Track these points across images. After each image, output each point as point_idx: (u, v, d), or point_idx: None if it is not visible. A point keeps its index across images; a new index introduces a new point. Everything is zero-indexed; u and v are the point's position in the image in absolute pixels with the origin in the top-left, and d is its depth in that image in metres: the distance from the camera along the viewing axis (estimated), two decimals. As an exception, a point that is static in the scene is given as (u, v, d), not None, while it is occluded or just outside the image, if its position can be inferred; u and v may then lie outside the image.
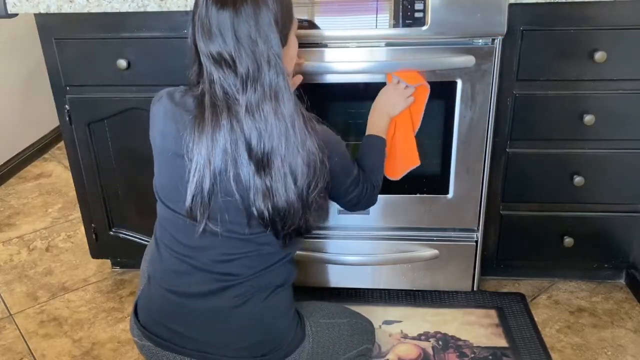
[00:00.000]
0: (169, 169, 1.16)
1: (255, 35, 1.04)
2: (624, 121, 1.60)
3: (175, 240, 1.20)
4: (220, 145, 1.07)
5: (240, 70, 1.05)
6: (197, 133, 1.08)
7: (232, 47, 1.04)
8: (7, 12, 1.58)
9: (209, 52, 1.06)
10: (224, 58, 1.05)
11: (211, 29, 1.04)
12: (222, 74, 1.06)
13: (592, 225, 1.74)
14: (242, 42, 1.04)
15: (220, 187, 1.10)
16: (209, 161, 1.08)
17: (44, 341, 1.71)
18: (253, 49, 1.04)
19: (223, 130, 1.07)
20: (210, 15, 1.04)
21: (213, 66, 1.06)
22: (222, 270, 1.19)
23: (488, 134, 1.59)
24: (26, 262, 2.11)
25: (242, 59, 1.04)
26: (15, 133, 2.88)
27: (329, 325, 1.34)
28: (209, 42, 1.05)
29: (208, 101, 1.08)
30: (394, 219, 1.71)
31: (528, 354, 1.59)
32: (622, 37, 1.51)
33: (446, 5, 1.44)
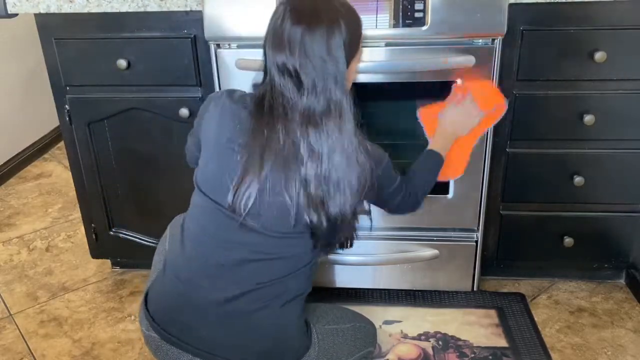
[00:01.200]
0: (219, 159, 1.17)
1: (325, 56, 1.08)
2: (624, 121, 1.60)
3: (206, 232, 1.20)
4: (274, 147, 1.10)
5: (305, 82, 1.08)
6: (253, 131, 1.11)
7: (297, 62, 1.07)
8: (7, 12, 1.58)
9: (274, 61, 1.09)
10: (288, 69, 1.08)
11: (282, 40, 1.08)
12: (284, 81, 1.09)
13: (592, 225, 1.74)
14: (310, 59, 1.07)
15: (271, 185, 1.12)
16: (261, 158, 1.10)
17: (44, 341, 1.71)
18: (321, 67, 1.08)
19: (280, 134, 1.10)
20: (284, 27, 1.07)
21: (277, 73, 1.10)
22: (247, 271, 1.18)
23: (488, 134, 1.59)
24: (26, 262, 2.11)
25: (307, 74, 1.08)
26: (15, 133, 2.88)
27: (333, 331, 1.34)
28: (277, 52, 1.09)
29: (267, 103, 1.11)
30: (394, 219, 1.71)
31: (528, 354, 1.59)
32: (622, 37, 1.51)
33: (446, 5, 1.44)
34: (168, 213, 1.52)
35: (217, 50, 1.55)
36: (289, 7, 1.09)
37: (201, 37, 1.55)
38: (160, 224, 1.83)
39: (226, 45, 1.54)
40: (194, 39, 1.58)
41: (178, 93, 1.66)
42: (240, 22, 1.50)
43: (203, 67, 1.61)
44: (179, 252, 1.24)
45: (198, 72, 1.62)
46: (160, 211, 1.80)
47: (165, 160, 1.74)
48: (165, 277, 1.25)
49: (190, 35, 1.58)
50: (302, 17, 1.07)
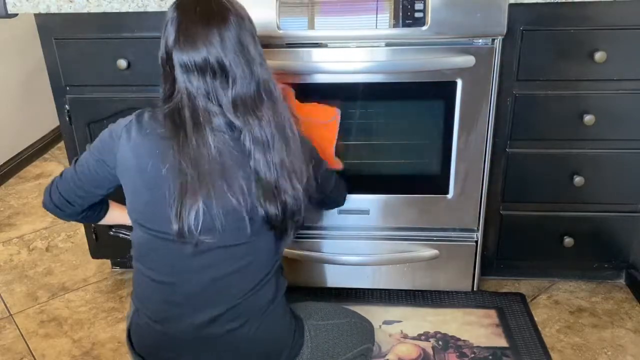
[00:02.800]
0: (150, 189, 1.11)
1: (245, 40, 1.08)
2: (624, 121, 1.60)
3: (162, 270, 1.16)
4: (206, 153, 1.06)
5: (232, 72, 1.07)
6: (179, 146, 1.06)
7: (221, 53, 1.06)
8: (7, 12, 1.58)
9: (192, 62, 1.06)
10: (211, 65, 1.06)
11: (197, 40, 1.05)
12: (205, 83, 1.07)
13: (592, 225, 1.74)
14: (230, 47, 1.06)
15: (215, 195, 1.07)
16: (194, 173, 1.05)
17: (44, 341, 1.71)
18: (243, 53, 1.08)
19: (208, 139, 1.06)
20: (196, 27, 1.06)
21: (193, 76, 1.07)
22: (220, 289, 1.16)
23: (488, 134, 1.59)
24: (26, 262, 2.11)
25: (232, 62, 1.07)
26: (15, 133, 2.88)
27: (327, 327, 1.33)
28: (194, 52, 1.06)
29: (187, 113, 1.07)
30: (394, 219, 1.71)
31: (528, 354, 1.58)
32: (622, 37, 1.51)
33: (446, 5, 1.44)
34: (168, 213, 1.52)
35: (217, 50, 1.54)
36: (186, 11, 1.08)
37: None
38: (160, 224, 1.83)
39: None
40: (194, 39, 1.58)
41: (178, 93, 1.65)
42: (240, 22, 1.49)
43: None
44: (144, 297, 1.21)
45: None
46: (160, 211, 1.80)
47: (165, 160, 1.74)
48: (139, 320, 1.23)
49: (190, 35, 1.58)
50: (209, 14, 1.07)
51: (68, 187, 1.26)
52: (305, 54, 1.52)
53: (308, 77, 1.54)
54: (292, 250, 1.74)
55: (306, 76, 1.54)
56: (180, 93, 1.08)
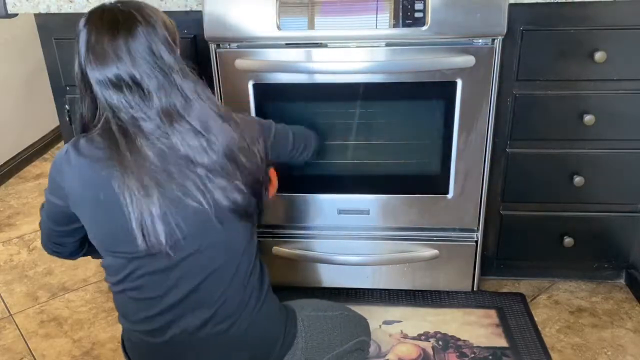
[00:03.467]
0: (105, 214, 1.09)
1: (157, 49, 1.04)
2: (624, 121, 1.60)
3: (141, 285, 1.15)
4: (147, 165, 1.03)
5: (146, 86, 1.03)
6: (119, 164, 1.03)
7: (131, 67, 1.02)
8: (7, 12, 1.58)
9: (106, 79, 1.02)
10: (124, 80, 1.02)
11: (106, 55, 1.02)
12: (124, 97, 1.03)
13: (592, 225, 1.74)
14: (141, 60, 1.02)
15: (171, 204, 1.05)
16: (142, 186, 1.03)
17: (44, 341, 1.71)
18: (157, 63, 1.04)
19: (143, 150, 1.03)
20: (103, 42, 1.02)
21: (112, 92, 1.03)
22: (199, 297, 1.15)
23: (488, 134, 1.59)
24: (26, 262, 2.11)
25: (145, 74, 1.03)
26: (15, 133, 2.88)
27: (320, 318, 1.33)
28: (106, 68, 1.02)
29: (116, 129, 1.04)
30: (394, 219, 1.71)
31: (528, 354, 1.59)
32: (622, 37, 1.51)
33: (446, 5, 1.44)
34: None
35: (217, 50, 1.54)
36: (93, 25, 1.04)
37: (201, 37, 1.55)
38: (160, 224, 1.83)
39: (226, 45, 1.54)
40: (194, 38, 1.58)
41: (178, 93, 1.65)
42: (240, 22, 1.50)
43: (203, 67, 1.61)
44: (131, 315, 1.20)
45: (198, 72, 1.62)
46: (160, 211, 1.80)
47: (165, 160, 1.74)
48: (132, 337, 1.23)
49: (190, 35, 1.58)
50: (114, 27, 1.03)
51: (49, 234, 1.26)
52: (305, 54, 1.52)
53: (308, 77, 1.54)
54: (292, 250, 1.74)
55: (306, 76, 1.54)
56: (104, 110, 1.05)
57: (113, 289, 1.20)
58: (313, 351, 1.29)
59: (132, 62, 1.02)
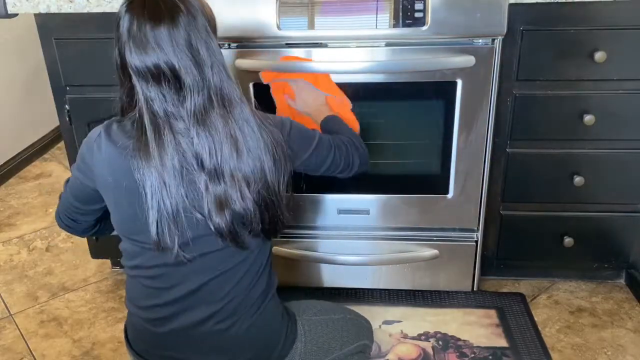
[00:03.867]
0: (127, 201, 1.09)
1: (196, 41, 1.02)
2: (624, 121, 1.60)
3: (151, 274, 1.17)
4: (169, 164, 1.04)
5: (184, 79, 1.02)
6: (144, 156, 1.04)
7: (172, 57, 1.01)
8: (7, 12, 1.58)
9: (145, 67, 1.01)
10: (163, 70, 1.01)
11: (147, 43, 1.00)
12: (160, 89, 1.02)
13: (592, 225, 1.74)
14: (182, 50, 1.01)
15: (183, 207, 1.06)
16: (164, 182, 1.04)
17: (44, 341, 1.71)
18: (195, 55, 1.02)
19: (169, 148, 1.03)
20: (145, 30, 1.01)
21: (149, 83, 1.02)
22: (204, 295, 1.16)
23: (488, 134, 1.59)
24: (26, 262, 2.11)
25: (183, 67, 1.01)
26: (15, 133, 2.88)
27: (321, 322, 1.33)
28: (146, 56, 1.01)
29: (148, 121, 1.03)
30: (394, 219, 1.71)
31: (528, 354, 1.58)
32: (622, 37, 1.51)
33: (446, 5, 1.44)
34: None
35: (217, 50, 1.54)
36: (134, 11, 1.02)
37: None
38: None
39: (226, 45, 1.54)
40: (194, 39, 1.58)
41: (178, 93, 1.65)
42: (240, 22, 1.50)
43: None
44: (137, 300, 1.22)
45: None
46: (160, 211, 1.80)
47: (165, 160, 1.74)
48: (135, 321, 1.24)
49: (190, 35, 1.58)
50: (157, 15, 1.00)
51: (67, 208, 1.26)
52: (305, 54, 1.52)
53: (308, 77, 1.54)
54: (292, 250, 1.74)
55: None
56: (139, 99, 1.04)
57: (127, 272, 1.22)
58: (311, 355, 1.29)
59: (173, 52, 1.00)
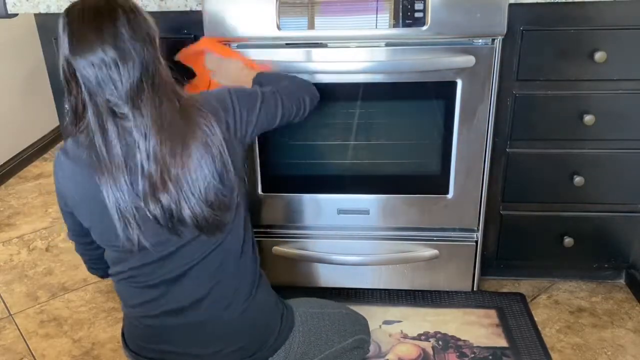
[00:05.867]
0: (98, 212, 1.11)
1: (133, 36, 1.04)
2: (624, 121, 1.60)
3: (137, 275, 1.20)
4: (116, 156, 1.05)
5: (125, 70, 1.03)
6: (97, 160, 1.06)
7: (112, 47, 1.02)
8: (7, 12, 1.58)
9: (89, 62, 1.02)
10: (105, 61, 1.02)
11: (89, 39, 1.02)
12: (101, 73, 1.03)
13: (592, 225, 1.74)
14: (124, 41, 1.03)
15: (136, 204, 1.07)
16: (114, 183, 1.05)
17: (44, 341, 1.71)
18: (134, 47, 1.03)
19: (112, 136, 1.05)
20: (86, 27, 1.03)
21: (92, 71, 1.03)
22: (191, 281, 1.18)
23: (488, 134, 1.59)
24: (26, 262, 2.11)
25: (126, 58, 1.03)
26: (15, 133, 2.88)
27: (318, 315, 1.34)
28: (90, 52, 1.02)
29: (94, 122, 1.05)
30: (394, 219, 1.71)
31: (528, 354, 1.58)
32: (622, 37, 1.51)
33: (446, 5, 1.44)
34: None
35: (217, 50, 1.55)
36: (74, 15, 1.04)
37: (201, 37, 1.55)
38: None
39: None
40: (194, 39, 1.58)
41: (178, 93, 1.65)
42: (240, 22, 1.50)
43: (203, 67, 1.61)
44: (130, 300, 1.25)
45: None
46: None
47: (165, 160, 1.74)
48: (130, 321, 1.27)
49: (190, 36, 1.58)
50: (97, 13, 1.03)
51: (82, 253, 1.34)
52: (305, 54, 1.52)
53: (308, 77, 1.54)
54: (292, 250, 1.74)
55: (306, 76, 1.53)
56: (84, 100, 1.06)
57: (113, 279, 1.25)
58: (311, 346, 1.29)
59: (114, 42, 1.02)
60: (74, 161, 1.11)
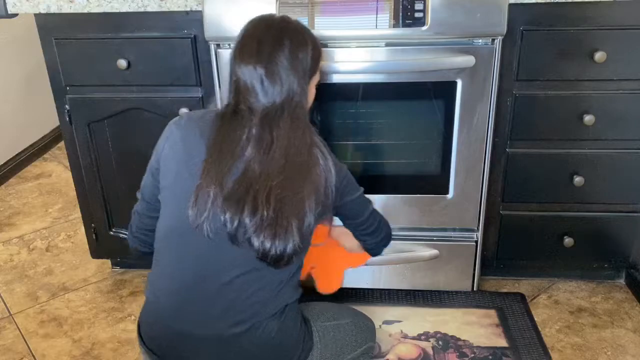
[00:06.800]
0: (192, 176, 1.14)
1: (289, 65, 1.13)
2: (624, 121, 1.60)
3: (181, 258, 1.18)
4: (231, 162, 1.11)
5: (270, 89, 1.12)
6: (213, 145, 1.13)
7: (265, 67, 1.12)
8: (7, 12, 1.58)
9: (242, 70, 1.13)
10: (255, 76, 1.12)
11: (252, 48, 1.13)
12: (250, 86, 1.13)
13: (592, 225, 1.74)
14: (277, 66, 1.12)
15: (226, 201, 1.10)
16: (219, 175, 1.10)
17: (44, 341, 1.71)
18: (286, 75, 1.13)
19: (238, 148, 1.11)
20: (255, 38, 1.15)
21: (242, 79, 1.13)
22: (237, 287, 1.16)
23: (488, 134, 1.59)
24: (26, 262, 2.11)
25: (273, 79, 1.12)
26: (15, 133, 2.88)
27: (334, 327, 1.34)
28: (245, 62, 1.13)
29: (230, 116, 1.15)
30: (394, 219, 1.70)
31: (528, 354, 1.59)
32: (622, 37, 1.51)
33: (446, 5, 1.44)
34: (168, 213, 1.52)
35: (217, 50, 1.55)
36: (253, 23, 1.18)
37: (201, 37, 1.55)
38: (160, 224, 1.83)
39: (226, 45, 1.54)
40: (194, 39, 1.58)
41: (178, 93, 1.66)
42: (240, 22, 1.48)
43: (203, 67, 1.61)
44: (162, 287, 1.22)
45: (198, 72, 1.62)
46: (160, 211, 1.80)
47: (165, 160, 1.74)
48: (153, 313, 1.24)
49: (190, 35, 1.58)
50: (267, 31, 1.15)
51: (142, 214, 1.31)
52: (305, 54, 1.52)
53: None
54: (292, 250, 1.74)
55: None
56: (233, 92, 1.17)
57: (154, 258, 1.25)
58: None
59: (267, 64, 1.12)
60: (194, 126, 1.18)
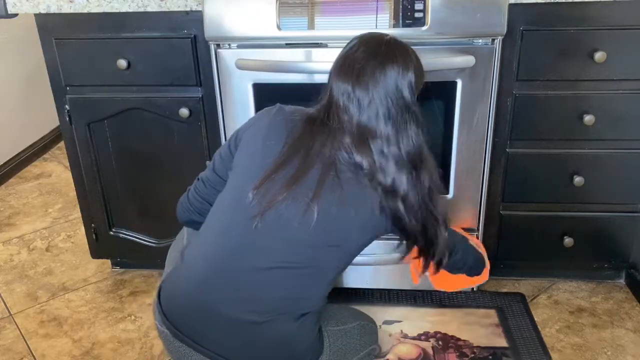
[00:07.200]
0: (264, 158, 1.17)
1: (391, 93, 1.12)
2: (624, 121, 1.60)
3: (229, 232, 1.18)
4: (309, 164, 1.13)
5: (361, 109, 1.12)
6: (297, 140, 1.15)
7: (362, 93, 1.11)
8: (7, 12, 1.58)
9: (339, 88, 1.13)
10: (351, 97, 1.12)
11: (351, 70, 1.12)
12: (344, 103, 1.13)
13: (592, 225, 1.74)
14: (375, 92, 1.12)
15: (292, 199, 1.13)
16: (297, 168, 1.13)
17: (44, 341, 1.71)
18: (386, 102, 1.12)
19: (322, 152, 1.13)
20: (356, 57, 1.13)
21: (340, 98, 1.13)
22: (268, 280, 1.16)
23: (488, 134, 1.59)
24: (26, 262, 2.11)
25: (370, 105, 1.12)
26: (15, 133, 2.88)
27: (342, 332, 1.34)
28: (343, 80, 1.13)
29: (320, 122, 1.15)
30: (394, 219, 1.71)
31: (528, 354, 1.59)
32: (622, 37, 1.51)
33: (446, 5, 1.44)
34: (168, 213, 1.52)
35: (217, 50, 1.55)
36: (362, 40, 1.16)
37: (201, 37, 1.55)
38: (160, 224, 1.83)
39: (226, 45, 1.54)
40: (194, 39, 1.58)
41: (178, 93, 1.66)
42: (240, 22, 1.50)
43: (203, 67, 1.61)
44: (197, 252, 1.21)
45: (198, 72, 1.62)
46: (160, 211, 1.80)
47: (165, 160, 1.74)
48: (180, 276, 1.22)
49: (190, 35, 1.58)
50: (377, 53, 1.13)
51: (205, 182, 1.32)
52: (305, 54, 1.52)
53: (308, 77, 1.54)
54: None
55: (306, 76, 1.53)
56: (326, 103, 1.17)
57: (203, 226, 1.25)
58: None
59: (360, 83, 1.12)
60: (284, 117, 1.20)
